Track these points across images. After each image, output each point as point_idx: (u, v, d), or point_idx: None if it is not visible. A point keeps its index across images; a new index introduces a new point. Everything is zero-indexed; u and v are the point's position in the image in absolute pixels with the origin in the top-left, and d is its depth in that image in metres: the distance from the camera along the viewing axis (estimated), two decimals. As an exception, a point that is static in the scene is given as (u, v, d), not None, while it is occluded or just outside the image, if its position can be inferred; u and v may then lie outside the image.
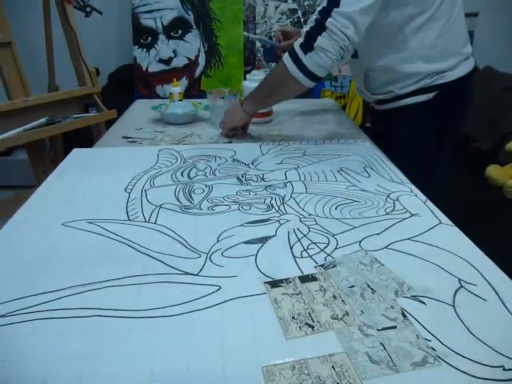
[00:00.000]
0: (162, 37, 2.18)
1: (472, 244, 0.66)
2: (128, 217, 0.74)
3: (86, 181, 0.88)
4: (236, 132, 1.15)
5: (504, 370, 0.43)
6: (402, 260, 0.62)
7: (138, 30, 2.17)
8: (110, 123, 1.46)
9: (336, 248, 0.64)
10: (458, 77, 1.00)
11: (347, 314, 0.51)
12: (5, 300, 0.53)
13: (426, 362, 0.44)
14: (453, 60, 0.99)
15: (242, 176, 0.90)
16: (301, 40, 0.90)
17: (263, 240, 0.66)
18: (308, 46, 0.87)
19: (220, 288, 0.56)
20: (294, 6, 2.19)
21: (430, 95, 1.00)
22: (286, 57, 0.92)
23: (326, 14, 0.84)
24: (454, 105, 1.05)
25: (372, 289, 0.55)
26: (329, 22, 0.84)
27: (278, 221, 0.72)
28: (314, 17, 0.87)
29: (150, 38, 2.18)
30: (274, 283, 0.56)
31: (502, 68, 2.34)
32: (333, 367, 0.44)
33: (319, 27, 0.85)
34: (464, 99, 1.06)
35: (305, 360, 0.45)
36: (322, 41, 0.85)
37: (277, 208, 0.77)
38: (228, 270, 0.59)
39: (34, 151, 1.85)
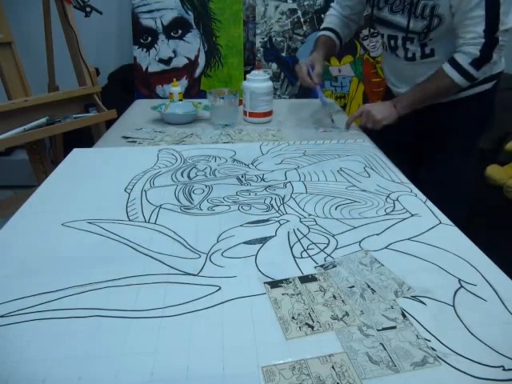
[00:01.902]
0: (161, 37, 2.18)
1: (472, 244, 0.66)
2: (128, 217, 0.74)
3: (86, 181, 0.88)
4: (371, 123, 1.13)
5: (504, 369, 0.44)
6: (401, 260, 0.62)
7: (137, 29, 2.17)
8: (109, 123, 1.46)
9: (336, 248, 0.64)
10: (503, 68, 1.12)
11: (347, 314, 0.51)
12: (5, 300, 0.53)
13: (426, 362, 0.44)
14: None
15: (242, 176, 0.90)
16: (468, 59, 0.98)
17: (263, 240, 0.66)
18: (482, 63, 0.98)
19: (220, 288, 0.56)
20: (294, 5, 2.19)
21: (491, 84, 1.11)
22: (452, 73, 1.00)
23: (492, 34, 0.94)
24: (495, 97, 1.16)
25: (372, 289, 0.55)
26: (500, 39, 0.95)
27: (278, 221, 0.72)
28: (475, 39, 0.95)
29: (149, 38, 2.18)
30: (274, 283, 0.56)
31: (502, 68, 2.34)
32: (333, 367, 0.44)
33: (492, 47, 0.96)
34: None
35: (305, 360, 0.45)
36: (495, 56, 0.97)
37: (277, 208, 0.77)
38: (228, 271, 0.59)
39: (34, 151, 1.85)
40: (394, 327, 0.49)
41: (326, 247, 0.65)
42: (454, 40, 1.01)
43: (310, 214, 0.74)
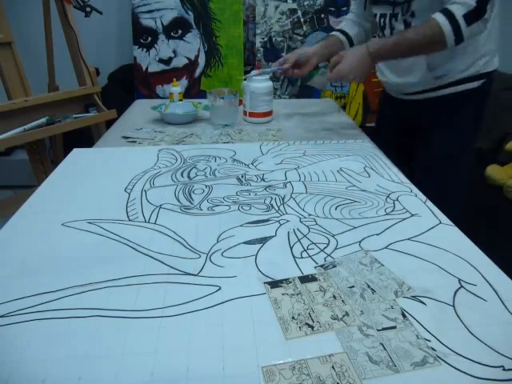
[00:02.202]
0: (161, 37, 2.18)
1: (472, 244, 0.66)
2: (128, 217, 0.74)
3: (86, 181, 0.88)
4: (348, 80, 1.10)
5: (504, 369, 0.44)
6: (401, 260, 0.62)
7: (137, 29, 2.17)
8: (109, 123, 1.46)
9: (336, 248, 0.64)
10: (495, 68, 1.09)
11: (347, 314, 0.51)
12: (5, 300, 0.53)
13: (426, 362, 0.44)
14: (494, 45, 1.07)
15: (242, 176, 0.90)
16: (463, 11, 0.90)
17: (263, 240, 0.66)
18: (476, 17, 0.90)
19: (220, 288, 0.56)
20: (294, 5, 2.19)
21: (480, 82, 1.07)
22: (444, 22, 0.92)
23: None
24: (487, 96, 1.13)
25: (372, 289, 0.55)
26: None
27: (278, 221, 0.72)
28: None
29: (149, 38, 2.18)
30: (274, 283, 0.56)
31: (502, 68, 2.34)
32: (333, 367, 0.44)
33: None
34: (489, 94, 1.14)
35: (305, 360, 0.45)
36: (488, 13, 0.90)
37: (277, 208, 0.77)
38: (228, 271, 0.59)
39: (34, 151, 1.85)
40: (394, 327, 0.49)
41: (325, 247, 0.65)
42: None
43: (309, 214, 0.74)
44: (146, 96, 2.19)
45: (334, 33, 1.29)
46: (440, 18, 0.93)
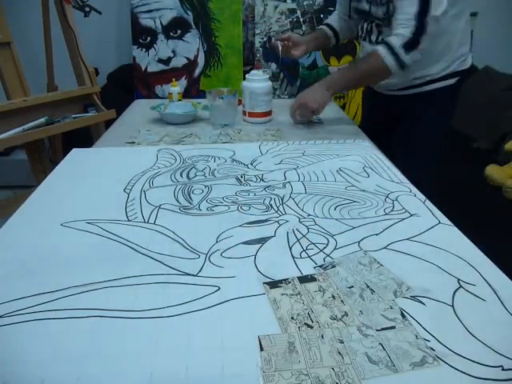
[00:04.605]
0: (161, 37, 2.18)
1: (471, 244, 0.66)
2: (127, 217, 0.74)
3: (85, 181, 0.88)
4: (312, 114, 1.21)
5: (503, 369, 0.43)
6: (401, 260, 0.62)
7: (137, 29, 2.17)
8: (109, 123, 1.46)
9: (335, 248, 0.64)
10: (469, 66, 1.17)
11: (346, 314, 0.51)
12: (3, 300, 0.53)
13: (425, 362, 0.44)
14: (468, 47, 1.15)
15: (241, 176, 0.90)
16: (400, 41, 1.01)
17: (262, 240, 0.66)
18: (411, 47, 1.01)
19: (219, 288, 0.56)
20: (293, 5, 2.19)
21: (455, 79, 1.15)
22: (385, 54, 1.03)
23: (422, 18, 0.98)
24: (459, 94, 1.21)
25: (371, 289, 0.55)
26: (429, 26, 0.98)
27: (277, 221, 0.72)
28: (408, 20, 0.99)
29: (149, 38, 2.18)
30: (273, 284, 0.56)
31: (502, 68, 2.34)
32: (332, 367, 0.44)
33: (421, 31, 0.99)
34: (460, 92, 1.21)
35: (304, 360, 0.45)
36: (424, 42, 1.00)
37: (276, 208, 0.77)
38: (227, 271, 0.59)
39: (33, 151, 1.85)
40: (393, 327, 0.49)
41: (325, 247, 0.65)
42: None
43: (309, 214, 0.74)
44: (146, 96, 2.19)
45: (321, 26, 1.37)
46: (381, 50, 1.04)
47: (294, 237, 0.67)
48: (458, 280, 0.57)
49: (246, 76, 1.29)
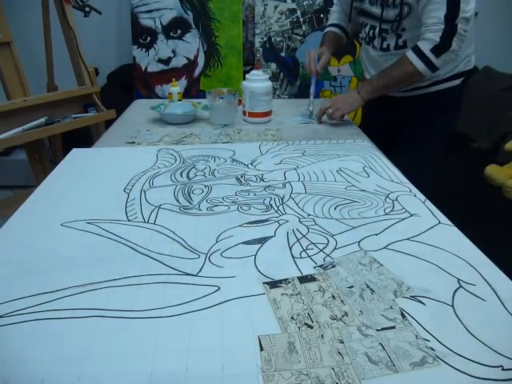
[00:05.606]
0: (161, 37, 2.18)
1: (471, 244, 0.66)
2: (127, 217, 0.73)
3: (85, 181, 0.88)
4: (342, 117, 1.25)
5: (503, 369, 0.44)
6: (401, 260, 0.62)
7: (137, 29, 2.17)
8: (109, 123, 1.46)
9: (335, 248, 0.64)
10: (472, 66, 1.18)
11: (346, 314, 0.51)
12: (3, 300, 0.53)
13: (425, 362, 0.44)
14: (472, 47, 1.16)
15: (241, 176, 0.90)
16: (429, 46, 1.02)
17: (262, 240, 0.66)
18: (442, 50, 1.02)
19: (219, 288, 0.56)
20: (293, 5, 2.19)
21: (460, 80, 1.16)
22: (415, 59, 1.05)
23: (452, 21, 0.98)
24: (463, 95, 1.22)
25: (371, 289, 0.55)
26: (459, 27, 0.98)
27: (277, 221, 0.72)
28: (436, 24, 0.99)
29: (149, 38, 2.18)
30: (273, 284, 0.56)
31: (502, 68, 2.35)
32: (332, 367, 0.44)
33: (451, 34, 0.99)
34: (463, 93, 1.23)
35: (304, 360, 0.45)
36: (456, 44, 1.00)
37: (276, 208, 0.77)
38: (227, 271, 0.59)
39: (33, 151, 1.85)
40: (393, 327, 0.49)
41: (325, 247, 0.65)
42: None
43: (309, 214, 0.74)
44: (146, 96, 2.19)
45: (328, 29, 1.37)
46: (411, 55, 1.06)
47: (294, 237, 0.67)
48: (458, 280, 0.57)
49: (246, 76, 1.29)
